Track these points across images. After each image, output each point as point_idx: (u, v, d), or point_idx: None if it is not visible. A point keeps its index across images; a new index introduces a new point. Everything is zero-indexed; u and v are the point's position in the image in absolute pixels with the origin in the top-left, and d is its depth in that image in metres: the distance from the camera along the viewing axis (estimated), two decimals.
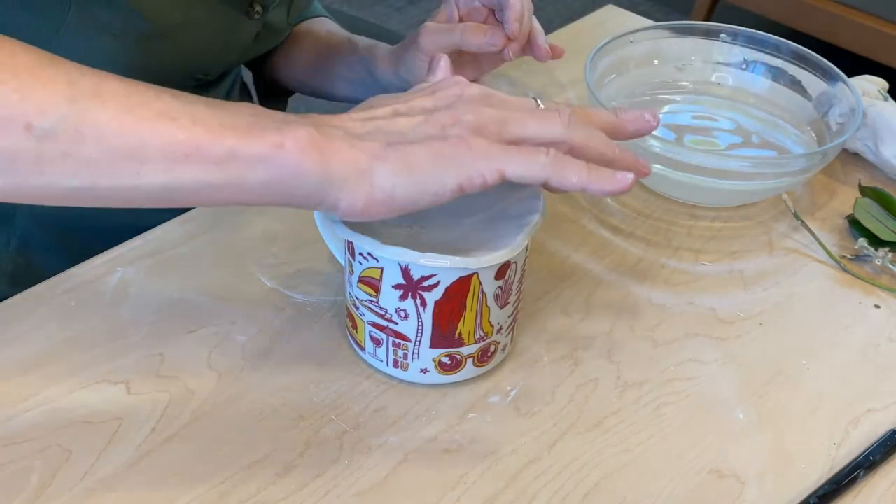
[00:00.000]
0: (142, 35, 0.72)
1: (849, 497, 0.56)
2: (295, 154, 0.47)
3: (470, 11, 0.84)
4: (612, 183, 0.50)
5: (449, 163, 0.48)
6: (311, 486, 0.54)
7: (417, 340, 0.58)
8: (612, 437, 0.58)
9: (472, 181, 0.49)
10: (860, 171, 0.82)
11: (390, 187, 0.48)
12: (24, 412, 0.56)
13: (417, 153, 0.48)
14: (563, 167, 0.49)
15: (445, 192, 0.49)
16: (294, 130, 0.48)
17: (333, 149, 0.48)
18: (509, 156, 0.49)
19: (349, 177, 0.48)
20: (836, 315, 0.69)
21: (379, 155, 0.48)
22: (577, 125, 0.52)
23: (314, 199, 0.49)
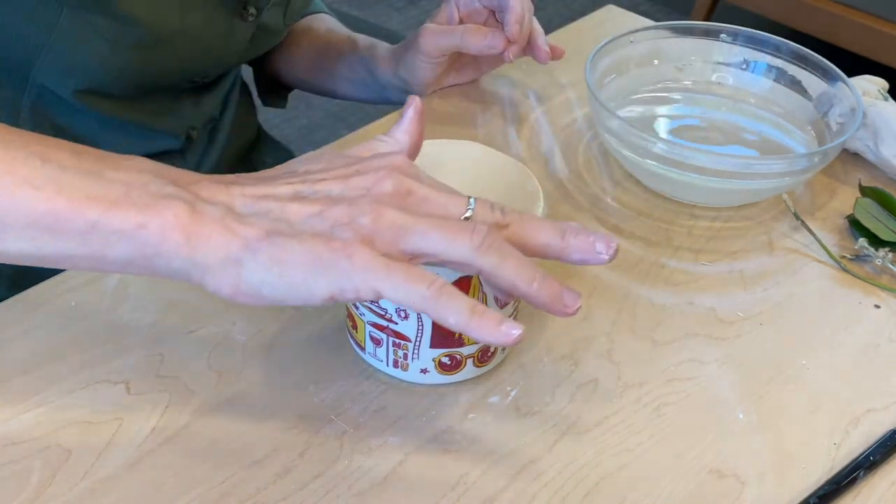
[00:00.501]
0: (137, 41, 0.72)
1: (849, 497, 0.56)
2: (157, 236, 0.45)
3: (470, 12, 0.84)
4: (493, 335, 0.45)
5: (323, 270, 0.45)
6: (311, 486, 0.54)
7: (417, 340, 0.58)
8: (612, 437, 0.58)
9: (345, 294, 0.45)
10: (860, 171, 0.82)
11: (257, 283, 0.45)
12: (24, 412, 0.56)
13: (293, 252, 0.45)
14: (443, 305, 0.45)
15: (314, 299, 0.45)
16: (163, 210, 0.45)
17: (201, 234, 0.45)
18: (390, 276, 0.45)
19: (215, 265, 0.46)
20: (836, 315, 0.69)
21: (252, 246, 0.45)
22: (489, 250, 0.46)
23: (180, 277, 0.47)
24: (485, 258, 0.46)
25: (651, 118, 0.85)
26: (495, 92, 0.89)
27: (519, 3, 0.80)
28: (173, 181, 0.47)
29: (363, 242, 0.45)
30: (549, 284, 0.47)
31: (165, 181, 0.47)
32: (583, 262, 0.49)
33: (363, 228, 0.45)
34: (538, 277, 0.47)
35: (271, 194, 0.47)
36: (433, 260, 0.47)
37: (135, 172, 0.47)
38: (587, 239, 0.48)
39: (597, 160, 0.82)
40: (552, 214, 0.75)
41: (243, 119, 0.94)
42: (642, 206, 0.77)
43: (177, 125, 0.83)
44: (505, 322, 0.45)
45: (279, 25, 0.86)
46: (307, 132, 2.03)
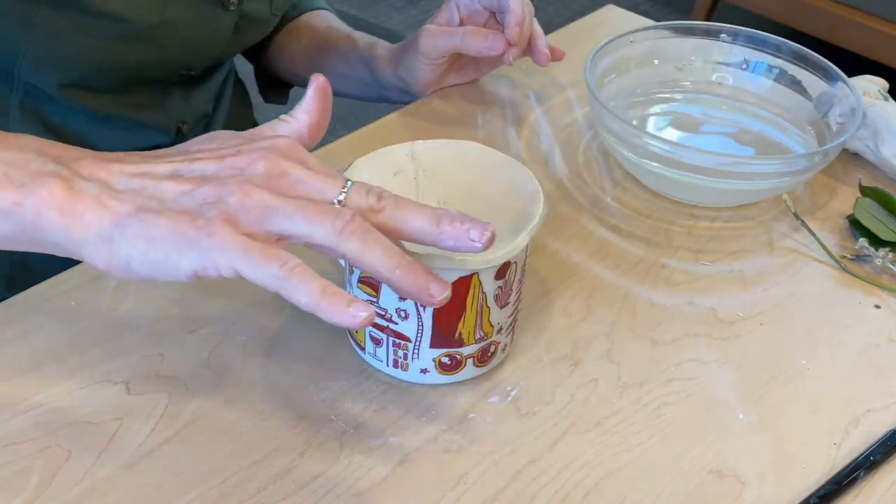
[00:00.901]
0: (117, 35, 0.72)
1: (849, 497, 0.56)
2: (32, 213, 0.47)
3: (470, 14, 0.84)
4: (341, 315, 0.45)
5: (186, 248, 0.46)
6: (311, 486, 0.54)
7: (417, 340, 0.58)
8: (612, 437, 0.58)
9: (207, 271, 0.46)
10: (860, 171, 0.82)
11: (126, 258, 0.47)
12: (24, 412, 0.56)
13: (159, 228, 0.46)
14: (294, 285, 0.46)
15: (180, 275, 0.47)
16: (38, 188, 0.47)
17: (75, 211, 0.47)
18: (246, 255, 0.45)
19: (88, 240, 0.47)
20: (836, 315, 0.69)
21: (122, 222, 0.47)
22: (352, 236, 0.46)
23: (61, 252, 0.49)
24: (348, 243, 0.47)
25: (651, 118, 0.85)
26: (495, 92, 0.89)
27: (519, 6, 0.80)
28: (56, 158, 0.48)
29: (227, 222, 0.46)
30: (413, 272, 0.47)
31: (48, 159, 0.48)
32: (456, 249, 0.49)
33: (229, 207, 0.46)
34: (402, 265, 0.47)
35: (149, 172, 0.48)
36: (298, 241, 0.48)
37: (17, 151, 0.48)
38: (461, 226, 0.48)
39: (597, 160, 0.82)
40: (552, 214, 0.75)
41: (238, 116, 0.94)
42: (642, 206, 0.77)
43: (165, 119, 0.83)
44: (353, 304, 0.46)
45: (265, 14, 0.86)
46: None
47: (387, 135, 0.82)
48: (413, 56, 0.84)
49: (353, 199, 0.48)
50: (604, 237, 0.73)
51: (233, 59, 0.93)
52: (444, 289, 0.48)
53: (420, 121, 0.84)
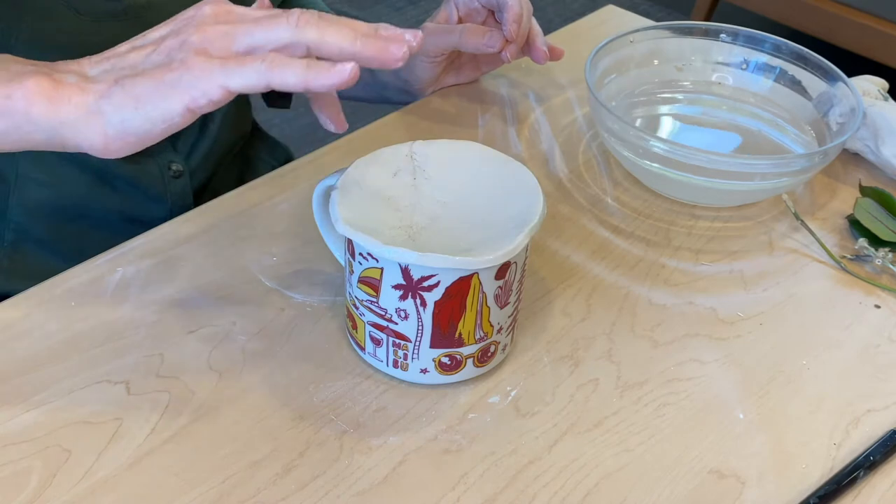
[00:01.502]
0: (107, 15, 0.72)
1: (849, 497, 0.56)
2: (22, 103, 0.50)
3: (469, 12, 0.84)
4: (330, 76, 0.49)
5: (171, 88, 0.49)
6: (311, 486, 0.54)
7: (417, 340, 0.58)
8: (612, 437, 0.58)
9: (197, 102, 0.49)
10: (860, 171, 0.82)
11: (119, 122, 0.50)
12: (24, 412, 0.56)
13: (141, 84, 0.50)
14: (280, 69, 0.49)
15: (174, 116, 0.50)
16: (23, 81, 0.50)
17: (62, 96, 0.50)
18: (226, 68, 0.49)
19: (79, 119, 0.50)
20: (836, 315, 0.69)
21: (105, 93, 0.50)
22: (307, 25, 0.50)
23: (56, 143, 0.52)
24: (305, 31, 0.50)
25: (651, 118, 0.85)
26: (495, 92, 0.89)
27: (517, 3, 0.80)
28: (33, 63, 0.53)
29: (198, 53, 0.50)
30: (372, 39, 0.51)
31: (25, 64, 0.52)
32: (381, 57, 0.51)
33: (193, 45, 0.50)
34: (360, 36, 0.50)
35: (113, 54, 0.53)
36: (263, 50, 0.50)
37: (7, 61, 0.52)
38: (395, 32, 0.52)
39: (597, 160, 0.82)
40: (552, 214, 0.75)
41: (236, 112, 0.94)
42: (642, 206, 0.77)
43: None
44: (337, 64, 0.49)
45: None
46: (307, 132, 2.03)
47: (387, 135, 0.82)
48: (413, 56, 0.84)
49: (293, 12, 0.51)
50: (604, 237, 0.73)
51: None
52: (402, 46, 0.51)
53: (420, 121, 0.84)
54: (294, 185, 0.75)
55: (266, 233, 0.71)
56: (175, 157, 0.85)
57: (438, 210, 0.58)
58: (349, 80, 0.49)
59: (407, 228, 0.57)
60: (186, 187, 0.83)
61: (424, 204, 0.58)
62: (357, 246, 0.56)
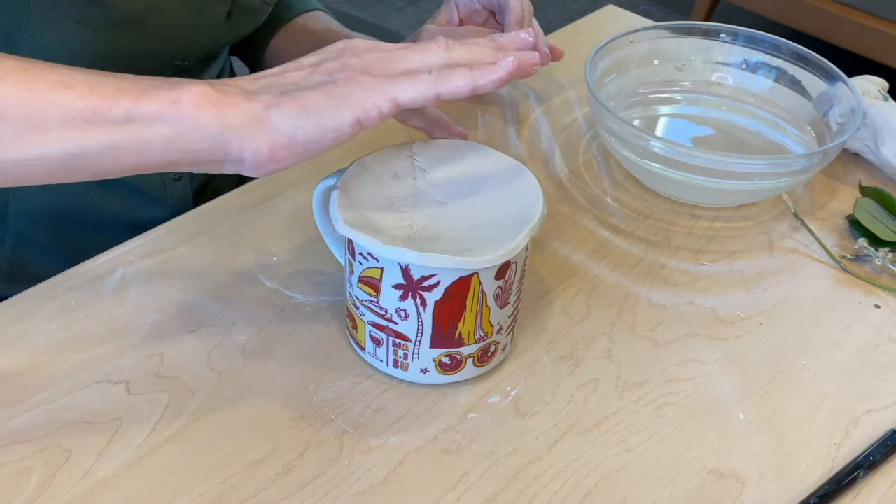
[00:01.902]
0: (107, 22, 0.72)
1: (849, 497, 0.56)
2: (191, 108, 0.50)
3: (470, 13, 0.84)
4: (495, 71, 0.53)
5: (343, 100, 0.51)
6: (311, 486, 0.54)
7: (417, 340, 0.58)
8: (612, 437, 0.58)
9: (368, 113, 0.51)
10: (860, 171, 0.82)
11: (290, 129, 0.51)
12: (24, 412, 0.56)
13: (311, 96, 0.51)
14: (447, 77, 0.52)
15: (344, 126, 0.51)
16: (188, 88, 0.50)
17: (229, 102, 0.51)
18: (397, 82, 0.52)
19: (248, 125, 0.51)
20: (836, 315, 0.69)
21: (273, 103, 0.51)
22: (455, 46, 0.54)
23: (219, 152, 0.51)
24: (455, 52, 0.54)
25: (651, 118, 0.85)
26: (495, 92, 0.89)
27: (519, 5, 0.80)
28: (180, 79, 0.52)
29: (363, 73, 0.52)
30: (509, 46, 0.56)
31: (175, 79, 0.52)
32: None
33: (356, 67, 0.52)
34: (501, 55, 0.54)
35: (266, 74, 0.54)
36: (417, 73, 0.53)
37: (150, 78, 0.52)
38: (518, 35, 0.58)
39: (597, 160, 0.82)
40: (552, 214, 0.75)
41: None
42: (642, 206, 0.77)
43: None
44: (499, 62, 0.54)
45: (258, 3, 0.85)
46: None
47: (387, 135, 0.82)
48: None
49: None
50: (604, 237, 0.73)
51: (227, 52, 0.92)
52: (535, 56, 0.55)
53: None
54: (294, 185, 0.75)
55: (266, 233, 0.71)
56: None
57: (438, 210, 0.58)
58: (513, 72, 0.53)
59: (407, 228, 0.57)
60: (186, 189, 0.83)
61: (424, 204, 0.58)
62: (357, 246, 0.56)
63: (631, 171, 0.79)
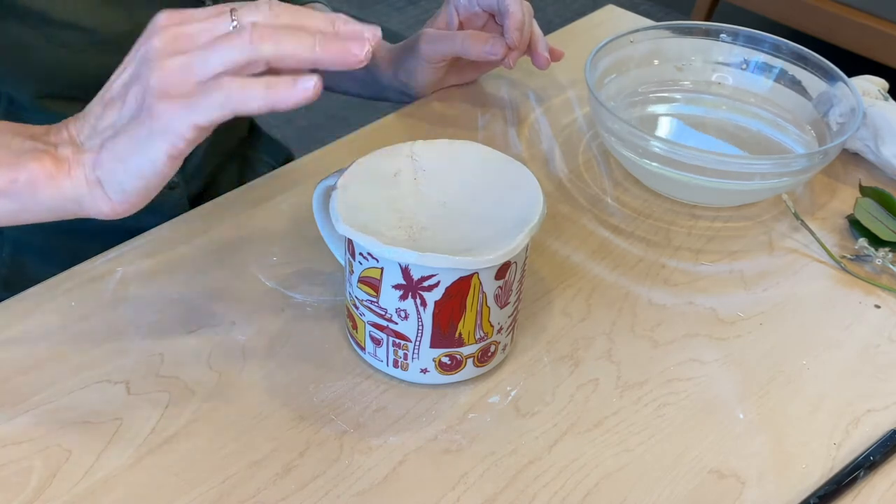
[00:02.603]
0: (87, 45, 0.71)
1: (849, 497, 0.56)
2: (27, 187, 0.52)
3: (469, 16, 0.83)
4: (294, 94, 0.48)
5: (148, 139, 0.50)
6: (311, 486, 0.54)
7: (417, 340, 0.58)
8: (612, 437, 0.58)
9: (176, 145, 0.50)
10: (860, 171, 0.82)
11: (118, 186, 0.51)
12: (24, 412, 0.56)
13: (121, 143, 0.51)
14: (240, 96, 0.48)
15: (159, 165, 0.50)
16: (28, 162, 0.52)
17: (62, 172, 0.52)
18: (191, 107, 0.49)
19: (83, 194, 0.52)
20: (836, 315, 0.69)
21: (97, 162, 0.51)
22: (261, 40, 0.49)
23: (70, 215, 0.53)
24: (261, 48, 0.48)
25: (651, 118, 0.85)
26: (495, 92, 0.89)
27: (519, 9, 0.80)
28: (29, 136, 0.54)
29: (161, 98, 0.49)
30: (330, 43, 0.49)
31: (24, 138, 0.53)
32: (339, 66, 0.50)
33: (155, 88, 0.49)
34: (317, 41, 0.49)
35: (91, 112, 0.53)
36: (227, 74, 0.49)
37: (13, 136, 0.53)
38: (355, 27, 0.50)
39: (597, 160, 0.82)
40: (552, 214, 0.75)
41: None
42: (642, 206, 0.77)
43: None
44: (299, 80, 0.48)
45: None
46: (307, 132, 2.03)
47: (387, 135, 0.82)
48: (413, 60, 0.84)
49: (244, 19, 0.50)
50: (604, 237, 0.73)
51: None
52: (363, 45, 0.49)
53: (420, 121, 0.84)
54: (294, 185, 0.75)
55: (266, 233, 0.71)
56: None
57: (438, 210, 0.58)
58: (313, 97, 0.48)
59: (407, 228, 0.57)
60: (182, 198, 0.83)
61: (424, 204, 0.59)
62: (357, 246, 0.56)
63: (631, 171, 0.79)
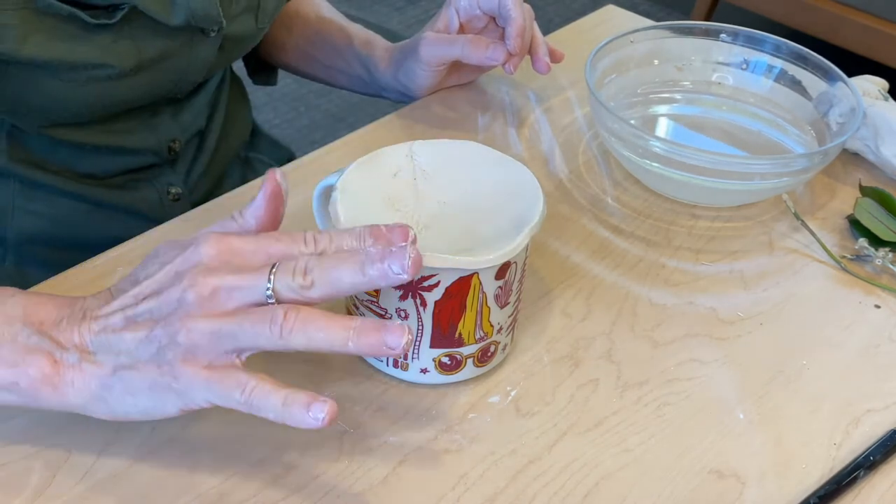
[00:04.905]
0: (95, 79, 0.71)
1: (849, 497, 0.56)
2: (29, 390, 0.52)
3: (470, 18, 0.83)
4: (304, 420, 0.48)
5: (164, 393, 0.50)
6: (311, 486, 0.54)
7: (417, 340, 0.58)
8: (612, 437, 0.58)
9: (190, 407, 0.51)
10: (860, 171, 0.82)
11: (123, 411, 0.52)
12: (25, 412, 0.56)
13: (135, 382, 0.51)
14: (258, 406, 0.49)
15: (168, 414, 0.51)
16: (28, 367, 0.51)
17: (65, 382, 0.51)
18: (210, 388, 0.50)
19: (86, 402, 0.52)
20: (836, 315, 0.69)
21: (106, 383, 0.51)
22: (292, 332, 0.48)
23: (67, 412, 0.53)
24: (292, 340, 0.49)
25: (651, 118, 0.85)
26: (495, 92, 0.89)
27: (520, 14, 0.80)
28: (38, 328, 0.52)
29: (185, 361, 0.50)
30: (366, 335, 0.49)
31: (32, 330, 0.52)
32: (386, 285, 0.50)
33: (181, 346, 0.49)
34: (351, 336, 0.49)
35: (108, 325, 0.52)
36: (252, 353, 0.50)
37: (4, 324, 0.52)
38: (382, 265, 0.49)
39: (597, 160, 0.82)
40: (552, 214, 0.75)
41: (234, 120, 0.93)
42: (642, 206, 0.77)
43: (155, 141, 0.82)
44: (313, 406, 0.48)
45: (251, 30, 0.83)
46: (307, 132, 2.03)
47: (386, 135, 0.82)
48: (413, 63, 0.83)
49: (280, 286, 0.49)
50: (604, 237, 0.73)
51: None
52: (402, 335, 0.48)
53: (420, 121, 0.84)
54: (294, 185, 0.75)
55: None
56: (174, 177, 0.84)
57: (438, 210, 0.58)
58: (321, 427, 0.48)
59: None
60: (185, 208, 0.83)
61: (424, 204, 0.59)
62: None
63: (631, 171, 0.79)
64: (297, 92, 0.99)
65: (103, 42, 0.70)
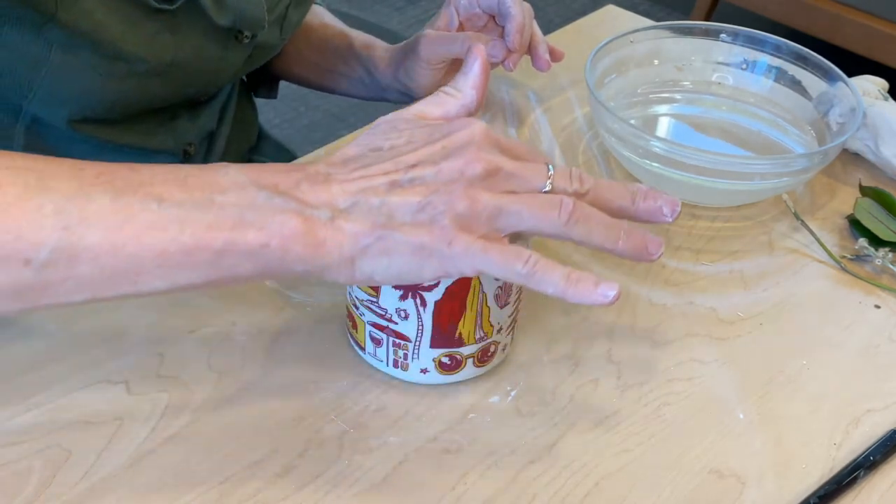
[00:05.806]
0: (131, 73, 0.71)
1: (849, 497, 0.56)
2: (279, 251, 0.49)
3: (470, 17, 0.83)
4: (590, 296, 0.49)
5: (428, 257, 0.49)
6: (311, 486, 0.54)
7: (417, 340, 0.58)
8: (612, 437, 0.58)
9: (449, 274, 0.50)
10: (860, 171, 0.82)
11: (369, 272, 0.50)
12: (25, 412, 0.56)
13: (398, 243, 0.49)
14: (539, 278, 0.49)
15: (422, 281, 0.51)
16: (279, 227, 0.49)
17: (317, 241, 0.49)
18: (487, 257, 0.49)
19: (332, 263, 0.50)
20: (836, 315, 0.69)
21: (363, 242, 0.49)
22: (577, 222, 0.50)
23: (301, 276, 0.51)
24: (574, 229, 0.51)
25: (651, 118, 0.85)
26: (495, 92, 0.89)
27: (520, 12, 0.80)
28: (275, 189, 0.50)
29: (462, 228, 0.49)
30: (633, 239, 0.52)
31: (270, 192, 0.49)
32: (650, 221, 0.54)
33: (460, 217, 0.49)
34: (622, 236, 0.52)
35: (369, 187, 0.50)
36: (527, 234, 0.51)
37: (238, 190, 0.49)
38: (654, 203, 0.54)
39: (597, 160, 0.82)
40: None
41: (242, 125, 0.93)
42: None
43: (172, 143, 0.82)
44: (601, 284, 0.49)
45: (276, 41, 0.84)
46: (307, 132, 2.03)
47: None
48: (413, 62, 0.84)
49: (558, 185, 0.52)
50: None
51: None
52: (660, 245, 0.53)
53: None
54: None
55: None
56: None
57: None
58: (609, 303, 0.49)
59: None
60: None
61: None
62: None
63: (631, 171, 0.79)
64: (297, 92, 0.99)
65: (148, 31, 0.70)
